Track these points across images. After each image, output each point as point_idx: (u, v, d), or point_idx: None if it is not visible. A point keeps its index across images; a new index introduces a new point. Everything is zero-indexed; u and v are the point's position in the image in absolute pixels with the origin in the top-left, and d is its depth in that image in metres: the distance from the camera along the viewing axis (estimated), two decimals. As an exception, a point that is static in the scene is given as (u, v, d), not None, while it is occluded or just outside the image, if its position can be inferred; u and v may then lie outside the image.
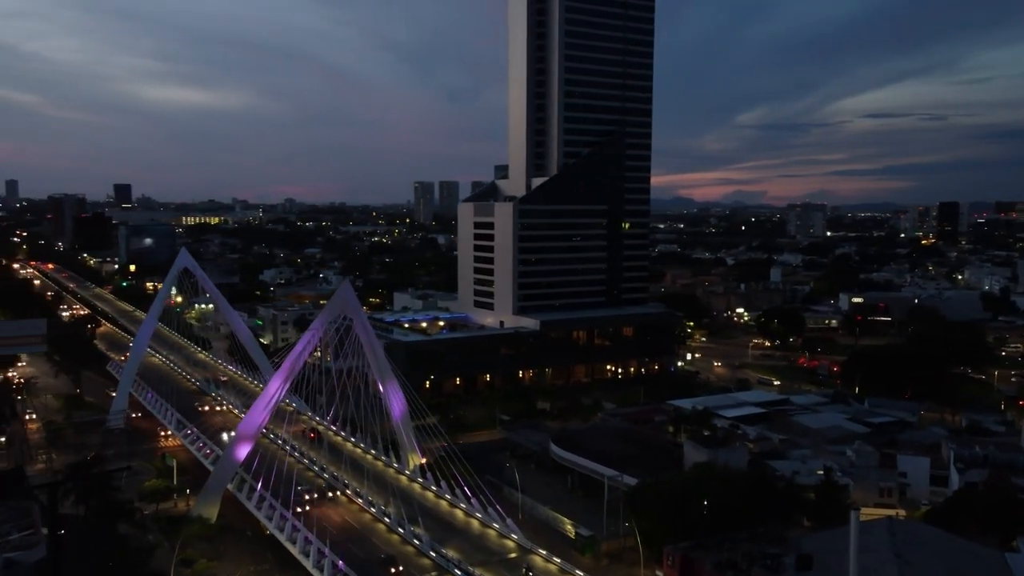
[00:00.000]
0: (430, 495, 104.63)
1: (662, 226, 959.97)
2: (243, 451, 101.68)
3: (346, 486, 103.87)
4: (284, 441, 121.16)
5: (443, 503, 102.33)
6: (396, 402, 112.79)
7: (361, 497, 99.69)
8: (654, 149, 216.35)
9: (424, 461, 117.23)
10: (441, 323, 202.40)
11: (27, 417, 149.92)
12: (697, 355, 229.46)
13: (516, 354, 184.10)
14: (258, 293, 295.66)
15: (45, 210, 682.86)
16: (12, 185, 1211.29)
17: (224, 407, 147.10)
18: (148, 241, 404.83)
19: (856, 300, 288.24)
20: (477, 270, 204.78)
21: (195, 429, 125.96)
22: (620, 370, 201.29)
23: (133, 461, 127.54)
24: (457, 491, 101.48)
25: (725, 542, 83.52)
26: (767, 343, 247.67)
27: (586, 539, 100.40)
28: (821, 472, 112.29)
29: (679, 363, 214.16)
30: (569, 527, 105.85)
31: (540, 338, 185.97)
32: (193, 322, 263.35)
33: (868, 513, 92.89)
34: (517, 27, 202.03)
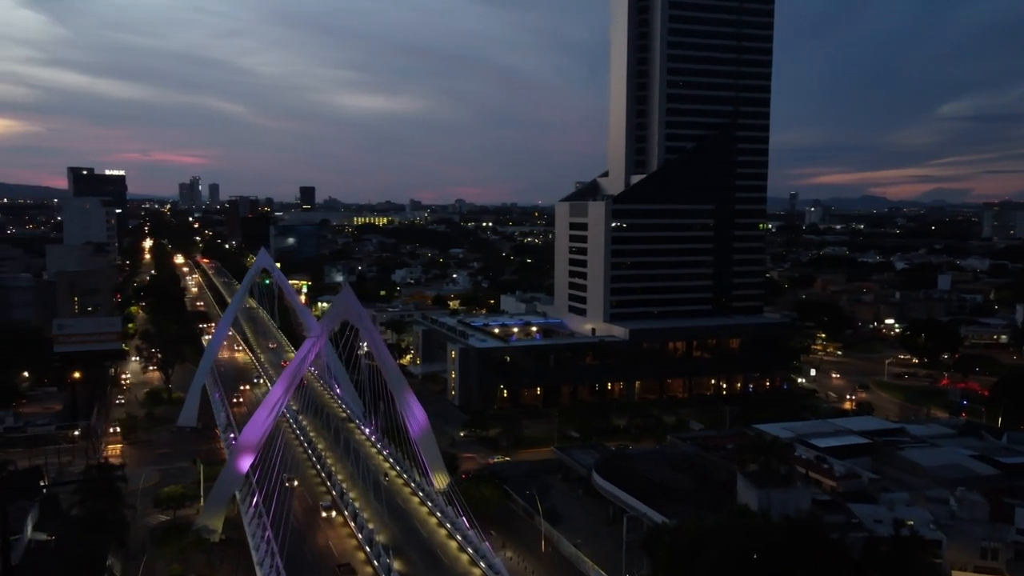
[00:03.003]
0: (434, 521, 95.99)
1: (839, 227, 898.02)
2: (245, 462, 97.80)
3: (346, 506, 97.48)
4: (308, 445, 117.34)
5: (445, 535, 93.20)
6: (415, 416, 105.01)
7: (356, 521, 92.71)
8: (836, 145, 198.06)
9: (448, 481, 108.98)
10: (534, 328, 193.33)
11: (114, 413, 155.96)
12: (833, 373, 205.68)
13: (601, 365, 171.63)
14: (382, 293, 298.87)
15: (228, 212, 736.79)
16: (214, 189, 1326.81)
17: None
18: (291, 240, 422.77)
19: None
20: (572, 273, 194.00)
21: (236, 433, 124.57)
22: (725, 385, 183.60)
23: (182, 463, 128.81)
24: (465, 520, 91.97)
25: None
26: (914, 359, 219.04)
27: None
28: (911, 523, 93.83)
29: (800, 380, 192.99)
30: (591, 567, 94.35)
31: (629, 348, 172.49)
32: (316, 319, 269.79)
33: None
34: (619, 11, 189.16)
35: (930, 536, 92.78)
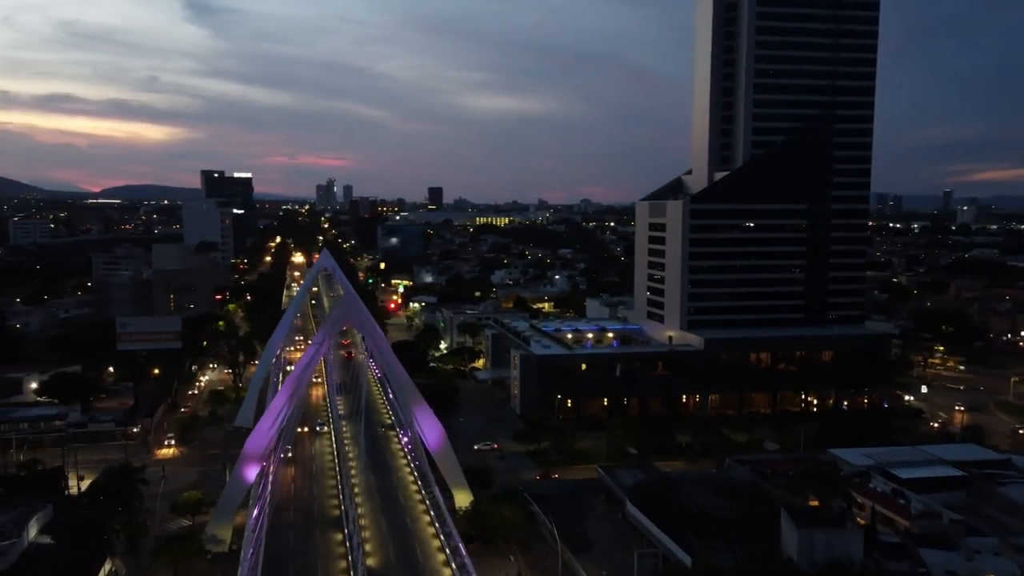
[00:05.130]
0: (436, 544, 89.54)
1: (994, 227, 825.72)
2: (251, 471, 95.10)
3: (349, 523, 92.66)
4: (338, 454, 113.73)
5: (442, 561, 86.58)
6: (429, 430, 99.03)
7: (351, 541, 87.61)
8: (999, 139, 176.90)
9: (471, 500, 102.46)
10: (610, 335, 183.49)
11: (180, 410, 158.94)
12: (959, 388, 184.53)
13: (673, 376, 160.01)
14: (477, 294, 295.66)
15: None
16: (348, 190, 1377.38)
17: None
18: (394, 241, 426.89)
19: None
20: (651, 278, 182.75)
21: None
22: (816, 401, 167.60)
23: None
24: (462, 546, 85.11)
25: None
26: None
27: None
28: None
29: (908, 398, 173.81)
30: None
31: (704, 359, 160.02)
32: (407, 319, 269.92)
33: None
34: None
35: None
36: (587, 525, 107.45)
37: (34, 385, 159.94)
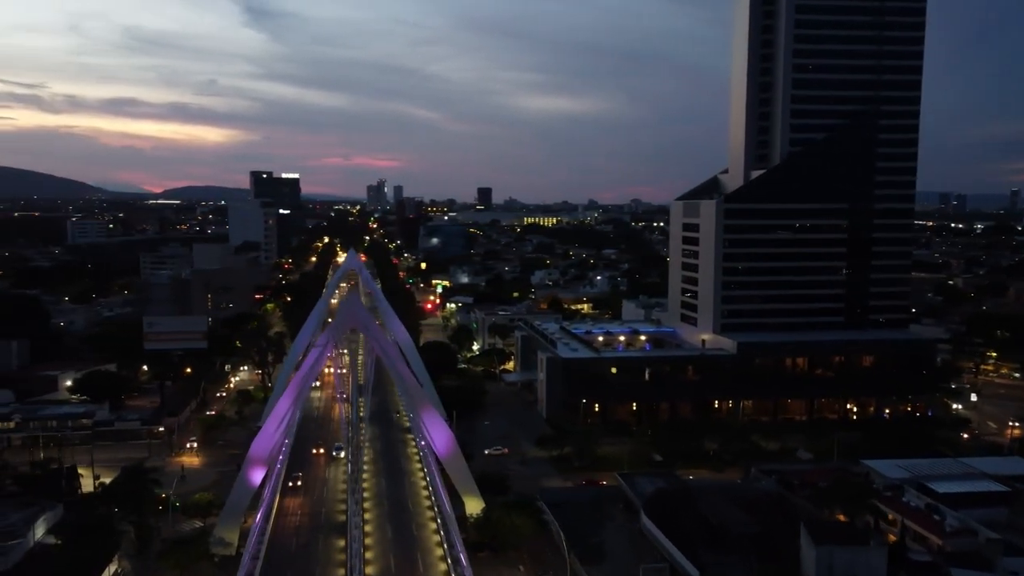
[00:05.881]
0: (439, 553, 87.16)
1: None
2: (256, 475, 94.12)
3: (353, 528, 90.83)
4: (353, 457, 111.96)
5: (444, 571, 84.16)
6: (438, 435, 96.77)
7: (351, 549, 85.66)
8: None
9: (483, 507, 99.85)
10: (642, 338, 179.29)
11: (207, 410, 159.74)
12: (1012, 397, 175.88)
13: (704, 381, 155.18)
14: (515, 294, 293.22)
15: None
16: (398, 190, 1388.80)
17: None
18: (434, 241, 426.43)
19: None
20: (684, 279, 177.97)
21: (290, 440, 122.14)
22: (855, 409, 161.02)
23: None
24: (463, 556, 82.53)
25: None
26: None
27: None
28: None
29: (956, 407, 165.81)
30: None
31: (737, 363, 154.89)
32: (443, 320, 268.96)
33: None
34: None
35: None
36: (604, 535, 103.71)
37: (68, 383, 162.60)
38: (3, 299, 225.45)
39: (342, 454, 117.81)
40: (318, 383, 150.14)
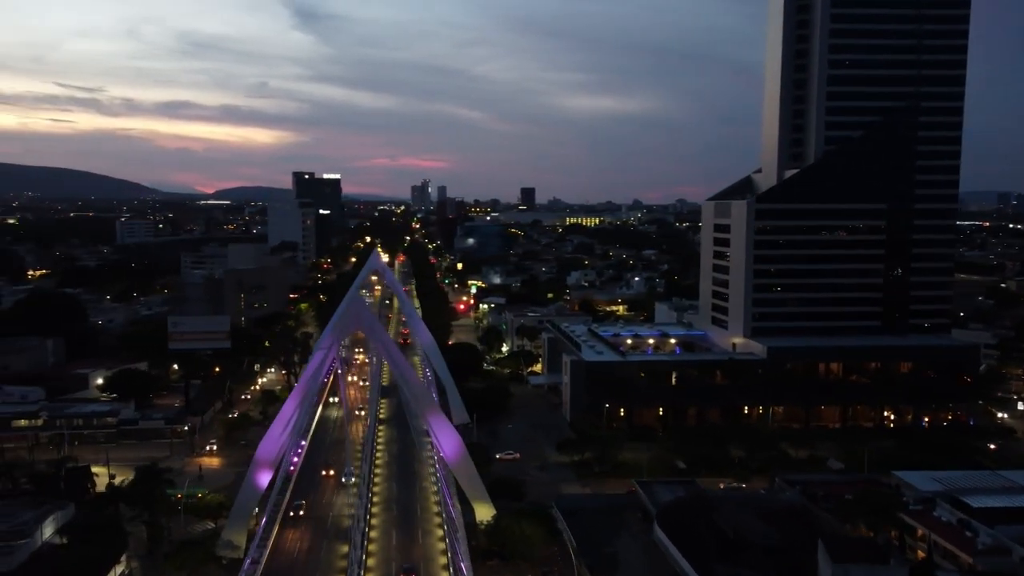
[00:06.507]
0: (442, 562, 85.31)
1: None
2: (263, 477, 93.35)
3: (358, 534, 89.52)
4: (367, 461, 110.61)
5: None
6: (446, 440, 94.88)
7: (352, 555, 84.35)
8: None
9: (493, 514, 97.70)
10: (672, 341, 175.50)
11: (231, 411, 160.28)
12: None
13: (732, 386, 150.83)
14: (549, 295, 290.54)
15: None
16: (442, 191, 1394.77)
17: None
18: (470, 241, 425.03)
19: None
20: (715, 281, 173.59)
21: (307, 443, 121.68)
22: (893, 417, 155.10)
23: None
24: (464, 565, 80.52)
25: None
26: None
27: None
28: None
29: (1001, 415, 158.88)
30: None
31: (767, 368, 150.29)
32: (475, 321, 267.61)
33: None
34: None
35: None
36: (618, 545, 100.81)
37: (99, 381, 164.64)
38: (42, 297, 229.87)
39: (352, 479, 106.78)
40: (335, 399, 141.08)
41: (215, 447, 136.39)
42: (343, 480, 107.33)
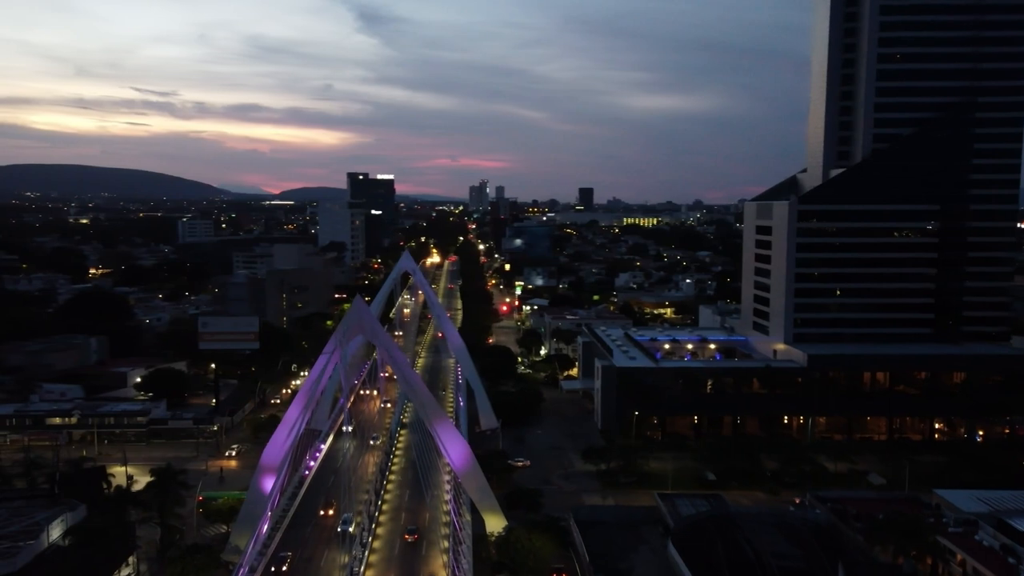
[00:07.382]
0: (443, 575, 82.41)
1: None
2: (268, 482, 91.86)
3: (360, 544, 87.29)
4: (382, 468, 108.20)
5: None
6: (454, 449, 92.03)
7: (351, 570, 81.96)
8: None
9: (505, 526, 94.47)
10: (712, 346, 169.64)
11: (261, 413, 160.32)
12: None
13: (771, 395, 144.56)
14: (595, 297, 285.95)
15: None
16: (500, 191, 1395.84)
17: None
18: (517, 242, 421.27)
19: None
20: (757, 285, 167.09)
21: (324, 446, 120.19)
22: (945, 429, 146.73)
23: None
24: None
25: None
26: None
27: None
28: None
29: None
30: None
31: (808, 376, 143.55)
32: (517, 323, 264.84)
33: None
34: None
35: None
36: (634, 561, 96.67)
37: (137, 379, 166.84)
38: (90, 296, 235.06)
39: (351, 528, 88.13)
40: (351, 428, 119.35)
41: (235, 451, 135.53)
42: (339, 529, 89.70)
